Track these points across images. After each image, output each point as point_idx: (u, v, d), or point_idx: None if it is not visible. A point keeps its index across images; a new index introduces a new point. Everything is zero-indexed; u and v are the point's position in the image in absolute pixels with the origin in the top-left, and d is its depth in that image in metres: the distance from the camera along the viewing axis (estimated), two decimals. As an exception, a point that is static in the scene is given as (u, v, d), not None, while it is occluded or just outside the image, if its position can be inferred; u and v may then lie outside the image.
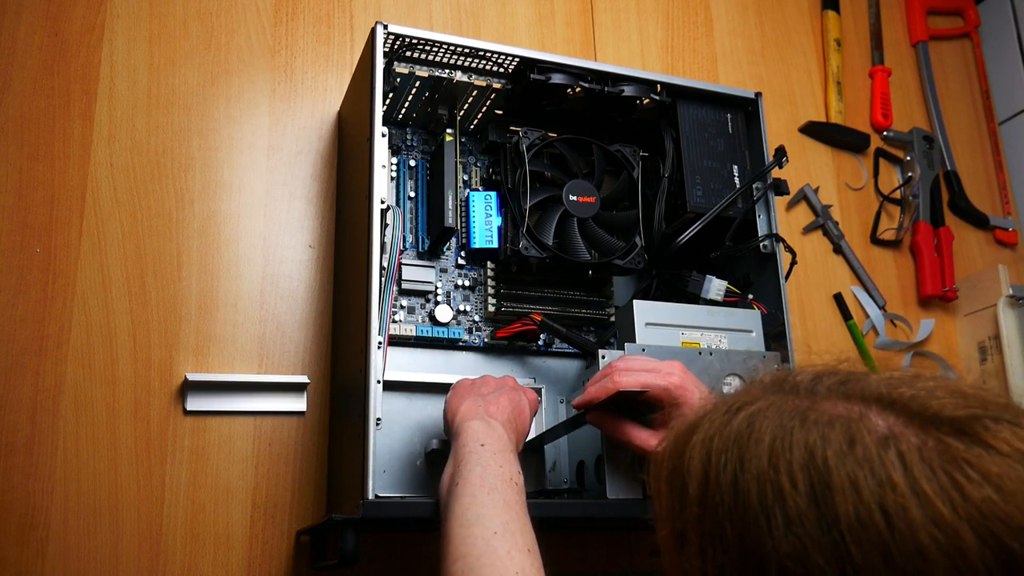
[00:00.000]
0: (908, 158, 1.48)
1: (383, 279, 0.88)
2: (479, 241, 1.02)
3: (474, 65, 1.01)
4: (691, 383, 0.84)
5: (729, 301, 1.04)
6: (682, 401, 0.83)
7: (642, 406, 0.85)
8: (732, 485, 0.44)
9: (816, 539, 0.40)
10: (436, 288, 1.02)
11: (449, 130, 1.02)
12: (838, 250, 1.39)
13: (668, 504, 0.49)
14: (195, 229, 1.01)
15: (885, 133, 1.49)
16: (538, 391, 1.03)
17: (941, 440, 0.41)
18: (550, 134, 1.04)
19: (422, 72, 1.00)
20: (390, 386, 0.95)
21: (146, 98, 1.04)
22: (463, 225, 1.04)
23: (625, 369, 0.85)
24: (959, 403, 0.43)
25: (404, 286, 1.00)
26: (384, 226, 0.90)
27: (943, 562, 0.39)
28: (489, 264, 1.04)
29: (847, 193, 1.43)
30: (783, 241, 1.06)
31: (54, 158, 0.98)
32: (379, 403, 0.84)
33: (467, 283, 1.04)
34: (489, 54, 0.99)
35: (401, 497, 0.94)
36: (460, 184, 1.05)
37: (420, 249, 1.03)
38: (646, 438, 0.84)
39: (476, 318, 1.03)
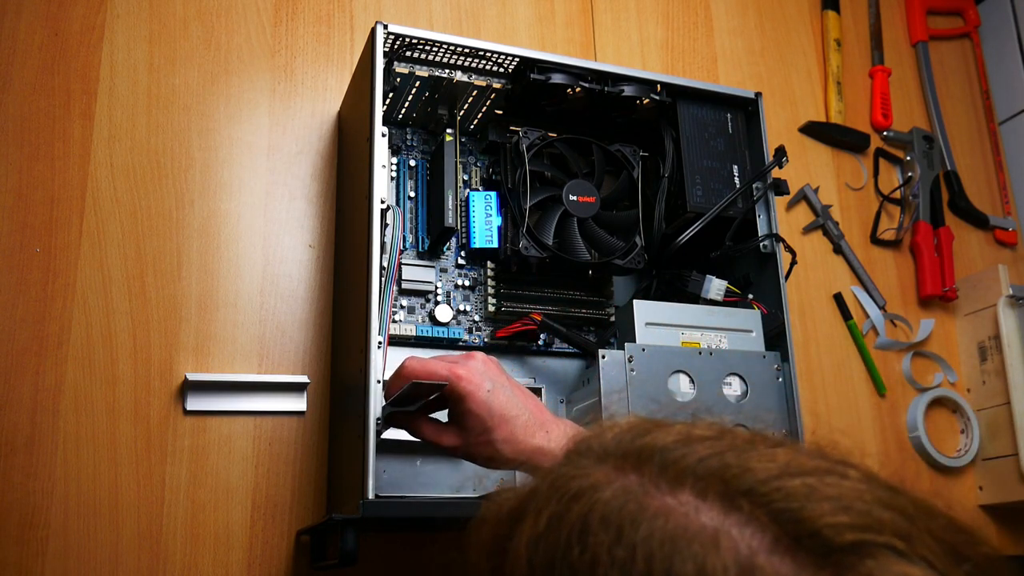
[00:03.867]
0: (908, 158, 1.48)
1: (383, 279, 0.88)
2: (479, 241, 1.02)
3: (474, 65, 1.01)
4: (480, 376, 0.77)
5: (729, 301, 1.04)
6: (465, 395, 0.76)
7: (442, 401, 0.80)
8: None
9: None
10: (436, 288, 1.02)
11: (449, 130, 1.02)
12: (838, 250, 1.39)
13: None
14: (195, 229, 1.01)
15: (885, 133, 1.49)
16: (538, 391, 1.03)
17: None
18: (550, 134, 1.04)
19: (422, 72, 1.00)
20: (390, 386, 0.95)
21: (146, 98, 1.04)
22: (463, 225, 1.04)
23: (419, 362, 0.79)
24: (843, 521, 0.33)
25: (404, 286, 1.00)
26: (384, 226, 0.90)
27: None
28: (489, 264, 1.04)
29: (847, 193, 1.43)
30: (783, 241, 1.06)
31: (54, 158, 0.98)
32: (379, 403, 0.84)
33: (467, 283, 1.04)
34: (489, 54, 0.99)
35: (401, 497, 0.94)
36: (460, 184, 1.05)
37: (420, 249, 1.03)
38: (434, 432, 0.80)
39: (476, 318, 1.03)
